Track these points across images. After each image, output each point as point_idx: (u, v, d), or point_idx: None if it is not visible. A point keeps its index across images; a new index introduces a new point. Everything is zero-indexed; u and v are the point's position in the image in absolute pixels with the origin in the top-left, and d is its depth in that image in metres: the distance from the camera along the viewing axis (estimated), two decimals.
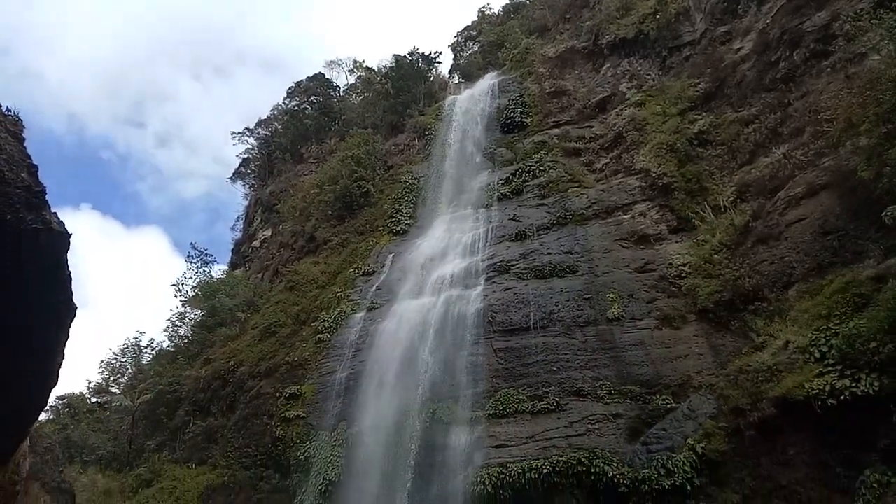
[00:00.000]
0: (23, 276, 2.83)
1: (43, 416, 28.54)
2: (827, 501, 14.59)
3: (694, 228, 23.45)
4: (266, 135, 56.73)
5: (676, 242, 23.75)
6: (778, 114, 22.61)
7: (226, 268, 48.48)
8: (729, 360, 18.74)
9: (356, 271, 30.89)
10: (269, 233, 45.72)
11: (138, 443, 28.91)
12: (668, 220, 24.64)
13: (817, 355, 15.36)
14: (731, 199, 22.63)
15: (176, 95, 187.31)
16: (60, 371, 3.45)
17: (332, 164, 39.59)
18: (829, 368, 14.82)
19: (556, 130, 33.17)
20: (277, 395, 25.41)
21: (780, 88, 23.06)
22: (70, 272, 3.28)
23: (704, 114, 26.61)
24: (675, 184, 25.11)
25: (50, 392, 3.29)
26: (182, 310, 38.40)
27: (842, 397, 14.17)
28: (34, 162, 3.28)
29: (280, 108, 56.59)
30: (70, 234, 3.21)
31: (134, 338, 36.83)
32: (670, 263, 22.79)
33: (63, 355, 3.39)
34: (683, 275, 22.10)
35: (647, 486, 16.95)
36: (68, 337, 3.40)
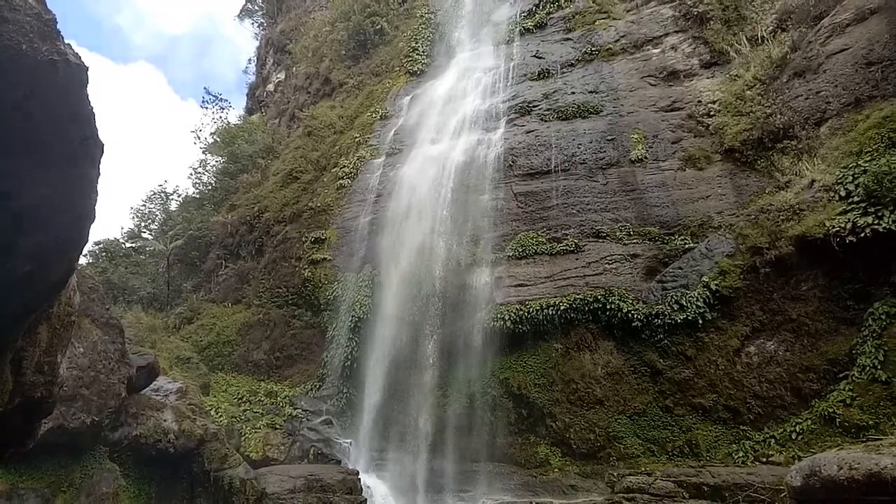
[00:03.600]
0: (47, 111, 2.76)
1: (83, 261, 29.99)
2: (834, 332, 15.25)
3: (727, 63, 22.23)
4: None
5: (707, 78, 22.66)
6: None
7: (242, 113, 47.78)
8: (751, 201, 18.69)
9: (373, 115, 30.27)
10: (282, 76, 44.31)
11: (175, 284, 30.48)
12: (701, 53, 23.30)
13: (842, 193, 15.24)
14: (771, 28, 21.16)
15: None
16: (96, 208, 3.51)
17: None
18: (853, 206, 14.78)
19: None
20: (303, 239, 26.15)
21: None
22: (92, 107, 3.19)
23: None
24: (711, 12, 23.40)
25: (89, 227, 3.37)
26: (203, 156, 38.59)
27: (862, 234, 14.26)
28: None
29: None
30: (87, 67, 3.07)
31: (159, 185, 37.45)
32: (699, 101, 21.93)
33: (97, 192, 3.42)
34: (712, 113, 21.34)
35: (659, 321, 17.74)
36: (99, 174, 3.41)
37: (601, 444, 17.50)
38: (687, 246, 18.99)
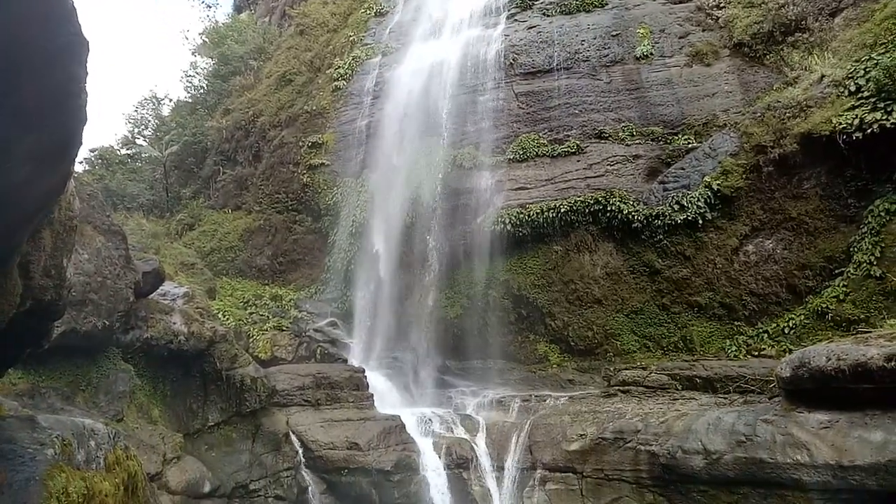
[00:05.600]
0: (25, 6, 2.61)
1: (79, 168, 29.68)
2: (832, 230, 15.36)
3: None
4: None
5: None
6: None
7: (230, 11, 45.60)
8: (758, 98, 18.26)
9: (368, 12, 28.92)
10: None
11: (174, 191, 30.30)
12: None
13: (852, 88, 14.88)
14: None
15: None
16: (87, 109, 3.42)
17: None
18: (862, 102, 14.48)
19: None
20: (300, 143, 25.74)
21: None
22: (73, 2, 3.02)
23: None
24: None
25: (82, 128, 3.30)
26: (193, 58, 37.23)
27: (869, 131, 14.05)
28: None
29: None
30: None
31: (150, 90, 36.39)
32: None
33: (86, 92, 3.32)
34: (722, 4, 20.42)
35: (659, 222, 17.79)
36: (87, 73, 3.29)
37: (598, 341, 18.08)
38: (690, 146, 18.74)
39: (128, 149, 34.10)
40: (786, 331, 15.36)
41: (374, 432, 14.76)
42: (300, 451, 14.68)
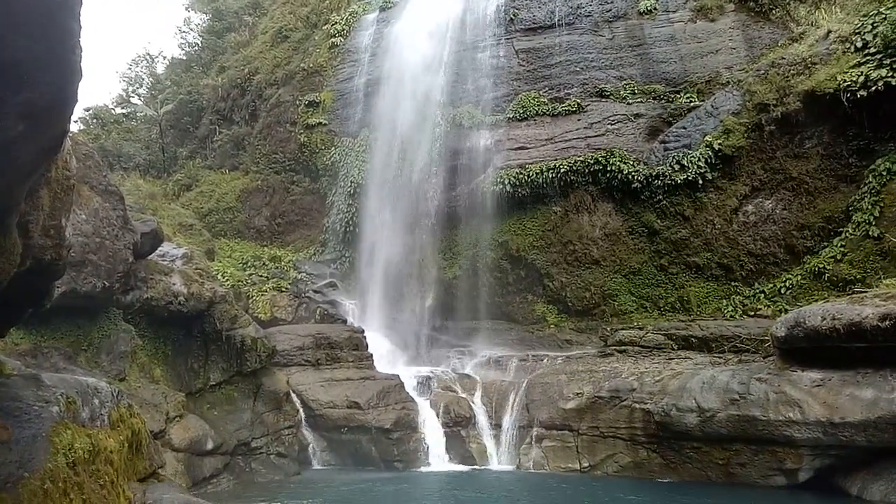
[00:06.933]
0: None
1: (74, 128, 29.28)
2: (833, 190, 15.33)
3: None
4: None
5: None
6: None
7: None
8: (762, 55, 17.97)
9: None
10: None
11: (170, 151, 29.96)
12: None
13: (858, 44, 14.66)
14: None
15: None
16: (82, 64, 3.36)
17: None
18: (868, 58, 14.31)
19: None
20: (297, 102, 25.37)
21: None
22: None
23: None
24: None
25: (77, 84, 3.25)
26: (186, 14, 36.45)
27: (874, 88, 13.89)
28: None
29: None
30: None
31: (144, 47, 35.67)
32: None
33: (81, 47, 3.26)
34: None
35: (659, 182, 17.71)
36: (81, 27, 3.22)
37: (596, 301, 18.19)
38: (692, 104, 18.51)
39: (122, 108, 33.62)
40: (782, 291, 15.46)
41: (373, 391, 14.97)
42: (301, 409, 14.92)
